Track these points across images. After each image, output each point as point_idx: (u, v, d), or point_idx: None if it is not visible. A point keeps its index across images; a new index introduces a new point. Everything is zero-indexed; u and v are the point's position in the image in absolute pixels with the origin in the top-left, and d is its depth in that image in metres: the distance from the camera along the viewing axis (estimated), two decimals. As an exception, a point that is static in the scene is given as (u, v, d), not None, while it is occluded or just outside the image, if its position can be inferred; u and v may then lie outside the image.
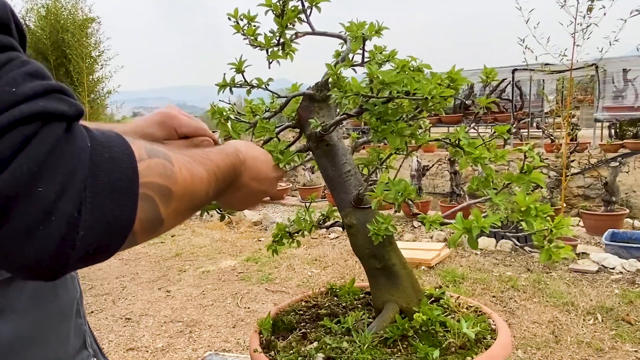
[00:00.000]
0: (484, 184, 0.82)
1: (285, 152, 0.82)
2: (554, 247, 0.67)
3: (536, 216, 0.67)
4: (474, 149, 0.78)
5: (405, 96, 0.71)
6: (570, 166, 6.73)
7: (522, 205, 0.69)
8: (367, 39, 0.81)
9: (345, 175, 0.90)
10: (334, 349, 0.82)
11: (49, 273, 0.46)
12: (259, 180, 0.76)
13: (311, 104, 0.88)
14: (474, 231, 0.69)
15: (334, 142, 0.88)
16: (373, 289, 0.95)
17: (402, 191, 0.76)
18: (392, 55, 0.79)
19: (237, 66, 0.89)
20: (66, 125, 0.46)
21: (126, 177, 0.48)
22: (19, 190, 0.41)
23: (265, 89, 0.92)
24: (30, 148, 0.42)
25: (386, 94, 0.72)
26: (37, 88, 0.45)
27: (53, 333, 0.71)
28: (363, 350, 0.79)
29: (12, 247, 0.43)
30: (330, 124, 0.81)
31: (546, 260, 0.68)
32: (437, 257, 5.06)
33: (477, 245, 0.70)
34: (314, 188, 8.50)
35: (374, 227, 0.83)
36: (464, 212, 0.83)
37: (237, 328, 3.95)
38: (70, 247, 0.44)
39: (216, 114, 0.84)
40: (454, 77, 0.71)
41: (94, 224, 0.45)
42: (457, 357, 0.80)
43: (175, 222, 0.59)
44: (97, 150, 0.47)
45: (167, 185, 0.54)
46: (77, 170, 0.45)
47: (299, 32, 0.84)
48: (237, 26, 0.89)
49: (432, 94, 0.68)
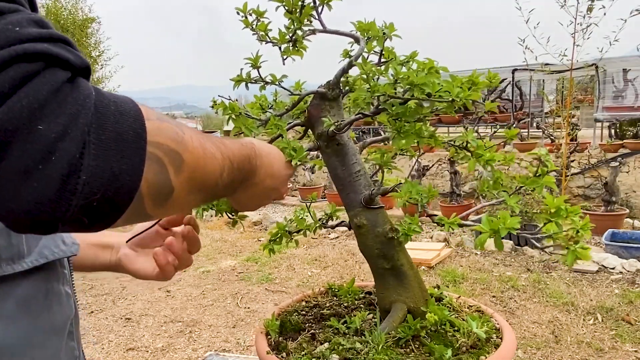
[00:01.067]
0: (494, 186, 0.82)
1: (299, 148, 0.82)
2: (580, 247, 0.67)
3: (566, 217, 0.67)
4: (484, 152, 0.78)
5: (428, 97, 0.70)
6: (570, 166, 6.74)
7: (551, 207, 0.69)
8: (387, 38, 0.80)
9: (355, 175, 0.89)
10: (348, 350, 0.82)
11: (48, 221, 0.43)
12: (273, 177, 0.73)
13: (322, 103, 0.87)
14: (501, 232, 0.69)
15: (344, 142, 0.88)
16: (380, 289, 0.95)
17: (426, 192, 0.76)
18: (412, 56, 0.78)
19: (253, 61, 0.88)
20: (70, 75, 0.44)
21: (133, 131, 0.46)
22: (18, 125, 0.39)
23: (279, 85, 0.92)
24: (31, 85, 0.40)
25: (409, 95, 0.72)
26: (43, 33, 0.43)
27: (40, 349, 0.66)
28: (378, 351, 0.79)
29: (10, 187, 0.41)
30: (345, 123, 0.81)
31: (572, 261, 0.67)
32: (437, 257, 5.06)
33: (503, 246, 0.70)
34: (314, 188, 8.50)
35: (402, 228, 0.83)
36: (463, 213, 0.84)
37: (237, 328, 3.94)
38: (71, 191, 0.42)
39: (227, 109, 0.83)
40: (475, 80, 0.72)
41: (97, 171, 0.43)
42: (470, 357, 0.80)
43: (187, 198, 0.54)
44: (103, 102, 0.45)
45: (178, 151, 0.51)
46: (80, 114, 0.42)
47: (315, 29, 0.83)
48: (246, 21, 0.88)
49: (459, 97, 0.68)
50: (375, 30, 0.81)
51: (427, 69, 0.72)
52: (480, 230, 0.70)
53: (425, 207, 0.76)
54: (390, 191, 0.83)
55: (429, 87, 0.70)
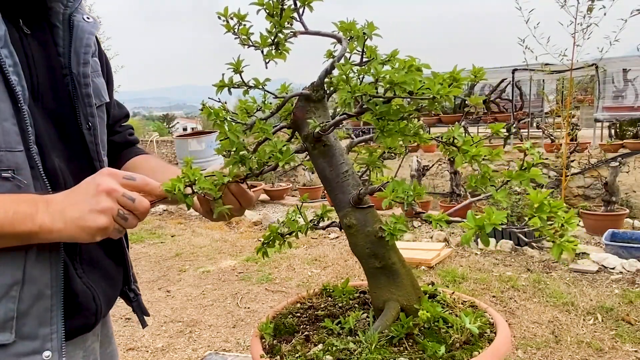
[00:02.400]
0: (482, 181, 0.82)
1: (285, 150, 0.82)
2: (565, 241, 0.68)
3: (550, 212, 0.68)
4: (469, 147, 0.79)
5: (410, 95, 0.71)
6: (570, 166, 6.73)
7: (535, 202, 0.70)
8: (367, 38, 0.80)
9: (343, 175, 0.89)
10: (341, 351, 0.82)
11: None
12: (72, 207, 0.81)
13: (307, 104, 0.87)
14: (486, 228, 0.69)
15: (331, 143, 0.88)
16: (373, 288, 0.95)
17: (411, 191, 0.76)
18: (393, 54, 0.78)
19: (235, 66, 0.89)
20: None
21: None
22: None
23: (262, 89, 0.92)
24: None
25: (390, 94, 0.72)
26: None
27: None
28: (372, 350, 0.79)
29: None
30: (330, 124, 0.81)
31: (558, 254, 0.68)
32: (437, 257, 5.06)
33: (489, 243, 0.71)
34: (314, 188, 8.51)
35: (388, 227, 0.83)
36: (463, 211, 0.84)
37: (237, 328, 3.95)
38: None
39: (212, 115, 0.84)
40: (456, 77, 0.72)
41: None
42: (463, 353, 0.80)
43: None
44: None
45: None
46: None
47: (296, 31, 0.83)
48: (228, 25, 0.88)
49: (440, 94, 0.69)
50: (356, 30, 0.81)
51: (407, 67, 0.72)
52: (465, 227, 0.71)
53: (414, 205, 0.77)
54: (377, 190, 0.83)
55: (409, 85, 0.71)
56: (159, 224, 7.84)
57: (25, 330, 0.88)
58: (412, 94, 0.71)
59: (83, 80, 0.99)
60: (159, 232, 7.36)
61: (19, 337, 0.87)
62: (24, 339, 0.87)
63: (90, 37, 1.03)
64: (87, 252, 0.99)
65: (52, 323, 0.90)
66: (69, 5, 1.01)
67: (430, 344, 0.79)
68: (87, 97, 1.00)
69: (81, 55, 1.00)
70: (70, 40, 1.00)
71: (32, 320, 0.88)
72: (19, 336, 0.87)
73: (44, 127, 0.93)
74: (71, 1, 1.02)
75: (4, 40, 0.85)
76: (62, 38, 1.00)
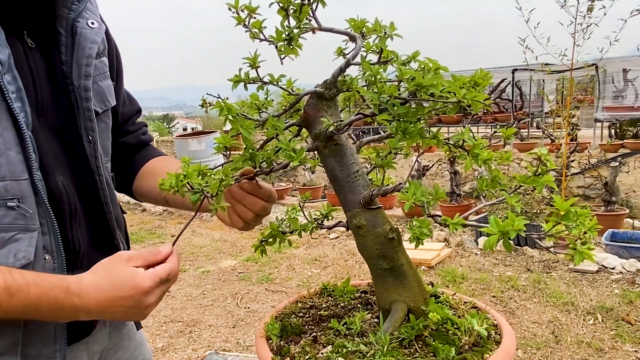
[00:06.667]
0: (492, 184, 0.81)
1: (300, 149, 0.81)
2: (587, 248, 0.68)
3: (576, 220, 0.67)
4: (480, 150, 0.78)
5: (431, 98, 0.70)
6: (570, 166, 6.74)
7: (561, 210, 0.69)
8: (388, 37, 0.80)
9: (353, 175, 0.89)
10: (353, 352, 0.81)
11: None
12: (112, 302, 0.83)
13: (319, 102, 0.87)
14: (510, 234, 0.69)
15: (342, 142, 0.87)
16: (379, 289, 0.94)
17: (433, 194, 0.76)
18: (414, 56, 0.77)
19: (252, 61, 0.87)
20: None
21: None
22: None
23: (277, 85, 0.91)
24: None
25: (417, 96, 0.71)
26: None
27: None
28: (384, 353, 0.79)
29: None
30: (345, 123, 0.80)
31: (579, 261, 0.68)
32: (437, 257, 5.06)
33: (512, 248, 0.70)
34: (314, 188, 8.50)
35: (414, 232, 0.83)
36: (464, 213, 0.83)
37: (237, 328, 3.94)
38: None
39: (224, 110, 0.82)
40: (478, 80, 0.71)
41: None
42: (474, 355, 0.80)
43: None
44: None
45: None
46: None
47: (313, 27, 0.82)
48: (239, 18, 0.86)
49: (466, 98, 0.68)
50: (378, 27, 0.80)
51: (433, 70, 0.72)
52: (488, 232, 0.70)
53: (428, 207, 0.76)
54: (392, 192, 0.82)
55: (437, 88, 0.70)
56: (159, 224, 7.83)
57: (30, 352, 0.89)
58: (434, 96, 0.71)
59: (84, 94, 0.97)
60: (159, 232, 7.35)
61: (24, 358, 0.89)
62: (29, 359, 0.89)
63: (93, 46, 1.00)
64: (87, 259, 0.98)
65: (56, 342, 0.91)
66: (73, 8, 0.99)
67: (442, 347, 0.78)
68: (88, 111, 0.98)
69: (83, 67, 0.97)
70: (72, 47, 0.97)
71: (37, 342, 0.89)
72: (24, 358, 0.88)
73: (47, 145, 0.92)
74: (75, 4, 0.99)
75: (7, 65, 0.83)
76: (64, 45, 0.97)
